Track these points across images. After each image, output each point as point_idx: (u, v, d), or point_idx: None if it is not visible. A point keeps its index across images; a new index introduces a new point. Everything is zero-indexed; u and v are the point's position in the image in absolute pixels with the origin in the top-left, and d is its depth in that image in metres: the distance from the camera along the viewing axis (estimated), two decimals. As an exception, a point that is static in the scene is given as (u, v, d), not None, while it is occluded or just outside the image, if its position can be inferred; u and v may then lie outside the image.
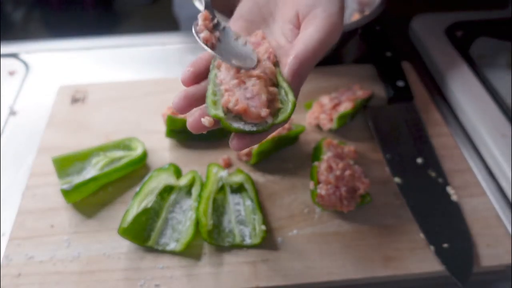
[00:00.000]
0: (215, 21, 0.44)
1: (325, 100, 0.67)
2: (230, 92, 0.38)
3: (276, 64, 0.41)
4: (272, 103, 0.38)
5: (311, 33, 0.40)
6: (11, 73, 0.79)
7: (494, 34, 0.82)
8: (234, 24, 0.47)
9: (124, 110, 0.70)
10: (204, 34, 0.42)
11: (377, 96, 0.71)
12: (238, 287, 0.49)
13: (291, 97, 0.38)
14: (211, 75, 0.41)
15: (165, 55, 0.84)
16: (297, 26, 0.43)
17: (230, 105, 0.37)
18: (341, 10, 0.42)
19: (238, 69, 0.40)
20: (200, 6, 0.47)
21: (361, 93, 0.68)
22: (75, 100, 0.71)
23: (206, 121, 0.38)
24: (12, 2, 1.01)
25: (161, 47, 0.86)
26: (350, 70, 0.77)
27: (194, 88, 0.40)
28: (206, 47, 0.40)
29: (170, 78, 0.78)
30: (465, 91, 0.71)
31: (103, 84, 0.74)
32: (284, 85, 0.39)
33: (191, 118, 0.39)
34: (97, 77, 0.78)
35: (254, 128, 0.37)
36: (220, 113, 0.37)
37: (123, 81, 0.75)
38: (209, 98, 0.39)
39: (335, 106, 0.66)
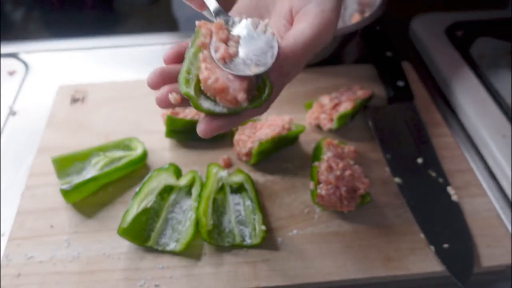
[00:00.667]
0: (231, 21, 0.42)
1: (325, 100, 0.67)
2: (212, 71, 0.37)
3: None
4: (249, 90, 0.37)
5: (302, 28, 0.39)
6: (11, 73, 0.79)
7: (494, 34, 0.82)
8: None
9: (124, 110, 0.70)
10: (221, 51, 0.38)
11: (377, 96, 0.71)
12: (238, 287, 0.49)
13: (268, 83, 0.37)
14: (189, 53, 0.39)
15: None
16: (291, 21, 0.42)
17: (209, 82, 0.36)
18: (336, 7, 0.40)
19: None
20: (210, 16, 0.45)
21: (361, 93, 0.68)
22: (74, 100, 0.71)
23: (172, 97, 0.37)
24: (12, 2, 1.01)
25: (161, 47, 0.86)
26: (350, 70, 0.77)
27: (172, 66, 0.40)
28: (221, 65, 0.38)
29: (170, 78, 0.78)
30: (466, 91, 0.71)
31: (103, 84, 0.74)
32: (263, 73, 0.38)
33: (159, 93, 0.38)
34: (97, 77, 0.78)
35: (225, 110, 0.36)
36: (191, 91, 0.36)
37: (123, 81, 0.75)
38: (182, 74, 0.38)
39: (335, 106, 0.66)
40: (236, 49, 0.39)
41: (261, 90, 0.37)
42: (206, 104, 0.37)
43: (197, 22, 0.42)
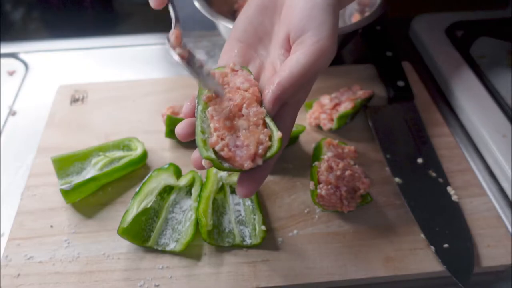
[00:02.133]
0: (183, 42, 0.44)
1: (325, 100, 0.67)
2: (219, 132, 0.38)
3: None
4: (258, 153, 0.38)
5: (298, 58, 0.39)
6: (11, 73, 0.79)
7: (494, 34, 0.82)
8: (229, 47, 0.46)
9: (124, 110, 0.70)
10: (179, 50, 0.41)
11: (377, 96, 0.71)
12: (238, 287, 0.49)
13: (276, 134, 0.38)
14: (198, 111, 0.41)
15: (165, 55, 0.84)
16: (288, 49, 0.42)
17: (217, 148, 0.37)
18: (332, 34, 0.40)
19: (231, 110, 0.39)
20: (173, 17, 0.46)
21: (361, 93, 0.68)
22: (74, 100, 0.71)
23: (204, 163, 0.38)
24: (12, 2, 1.01)
25: (161, 47, 0.86)
26: (350, 70, 0.77)
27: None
28: (182, 63, 0.39)
29: (170, 78, 0.78)
30: (466, 91, 0.71)
31: (103, 84, 0.74)
32: (270, 122, 0.39)
33: (193, 157, 0.40)
34: (96, 77, 0.78)
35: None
36: (211, 155, 0.37)
37: (123, 81, 0.75)
38: (199, 137, 0.39)
39: (335, 106, 0.66)
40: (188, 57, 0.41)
41: (272, 138, 0.39)
42: (226, 163, 0.38)
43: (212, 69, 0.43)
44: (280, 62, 0.43)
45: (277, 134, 0.38)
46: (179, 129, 0.41)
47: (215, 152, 0.38)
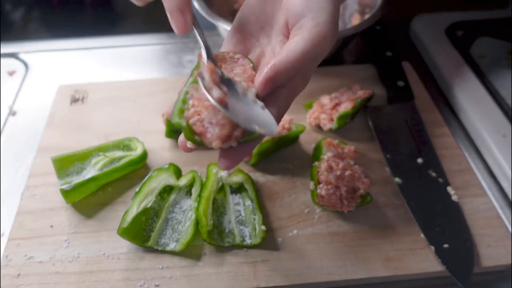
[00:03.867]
0: (219, 72, 0.40)
1: (325, 100, 0.67)
2: (197, 108, 0.38)
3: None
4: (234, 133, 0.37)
5: (296, 42, 0.39)
6: (11, 73, 0.79)
7: (494, 34, 0.82)
8: (231, 35, 0.46)
9: (124, 110, 0.70)
10: (217, 94, 0.37)
11: (377, 96, 0.71)
12: (238, 287, 0.49)
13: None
14: (187, 82, 0.40)
15: (165, 55, 0.84)
16: (287, 35, 0.42)
17: (191, 122, 0.37)
18: (332, 19, 0.39)
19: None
20: (204, 55, 0.43)
21: (361, 93, 0.68)
22: (74, 100, 0.71)
23: (190, 144, 0.38)
24: (12, 2, 1.01)
25: (161, 47, 0.86)
26: (350, 70, 0.77)
27: None
28: (223, 110, 0.36)
29: (170, 78, 0.78)
30: (466, 91, 0.71)
31: (103, 84, 0.74)
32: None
33: (181, 139, 0.40)
34: (96, 77, 0.78)
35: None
36: (182, 123, 0.37)
37: (123, 81, 0.75)
38: (178, 104, 0.38)
39: (335, 106, 0.66)
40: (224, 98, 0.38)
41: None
42: (197, 137, 0.37)
43: (201, 51, 0.43)
44: (279, 48, 0.43)
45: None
46: (168, 111, 0.40)
47: (189, 124, 0.37)
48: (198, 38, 0.44)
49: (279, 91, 0.40)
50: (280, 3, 0.44)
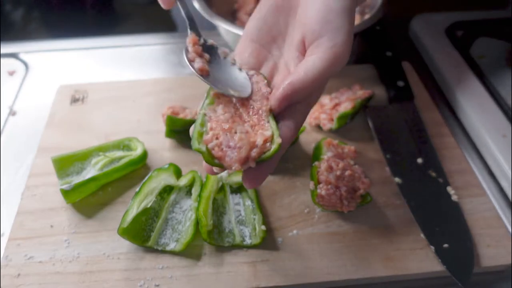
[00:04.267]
0: (202, 40, 0.44)
1: (326, 100, 0.67)
2: (216, 131, 0.39)
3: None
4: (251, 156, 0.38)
5: (313, 61, 0.39)
6: (11, 73, 0.79)
7: (494, 34, 0.82)
8: (243, 47, 0.46)
9: (124, 110, 0.70)
10: (199, 64, 0.42)
11: (377, 96, 0.71)
12: (238, 287, 0.49)
13: (276, 139, 0.38)
14: (204, 104, 0.41)
15: (165, 55, 0.84)
16: (303, 52, 0.42)
17: (209, 146, 0.38)
18: (348, 40, 0.40)
19: (236, 111, 0.40)
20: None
21: (361, 93, 0.68)
22: (74, 100, 0.71)
23: (216, 169, 0.39)
24: (12, 2, 1.01)
25: (161, 47, 0.86)
26: (350, 70, 0.77)
27: None
28: (202, 79, 0.40)
29: (170, 78, 0.78)
30: (466, 91, 0.71)
31: (103, 84, 0.74)
32: (272, 121, 0.40)
33: (204, 162, 0.40)
34: (97, 77, 0.78)
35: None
36: (202, 148, 0.38)
37: (123, 81, 0.75)
38: (196, 128, 0.39)
39: (335, 106, 0.66)
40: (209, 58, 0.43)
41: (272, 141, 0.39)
42: (217, 160, 0.38)
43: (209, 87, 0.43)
44: (294, 64, 0.43)
45: (277, 139, 0.38)
46: (190, 130, 0.41)
47: (208, 149, 0.38)
48: (182, 10, 0.45)
49: (295, 106, 0.41)
50: (295, 15, 0.44)
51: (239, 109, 0.42)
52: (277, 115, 0.41)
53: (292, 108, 0.41)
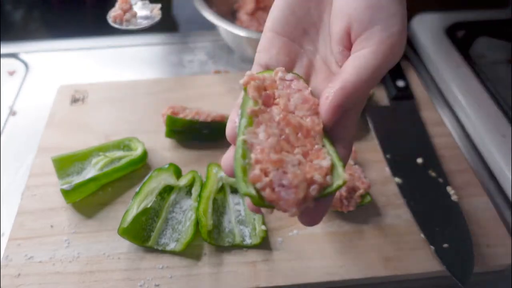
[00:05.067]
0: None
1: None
2: (263, 165, 0.30)
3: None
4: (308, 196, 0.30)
5: (367, 57, 0.32)
6: (11, 73, 0.79)
7: (494, 34, 0.82)
8: (268, 43, 0.37)
9: (124, 110, 0.70)
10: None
11: (377, 96, 0.71)
12: (238, 287, 0.49)
13: (340, 172, 0.31)
14: (240, 124, 0.32)
15: (165, 55, 0.84)
16: (348, 46, 0.35)
17: (258, 187, 0.29)
18: (404, 29, 0.33)
19: (281, 132, 0.32)
20: None
21: (361, 93, 0.68)
22: (75, 100, 0.71)
23: (264, 210, 0.32)
24: (12, 2, 1.01)
25: (161, 47, 0.86)
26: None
27: None
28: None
29: (170, 78, 0.78)
30: (465, 91, 0.71)
31: (103, 84, 0.74)
32: (331, 149, 0.32)
33: (249, 201, 0.32)
34: (97, 77, 0.78)
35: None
36: (252, 191, 0.29)
37: (123, 81, 0.75)
38: (238, 162, 0.30)
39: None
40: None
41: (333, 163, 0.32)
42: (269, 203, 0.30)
43: (245, 76, 0.34)
44: (337, 61, 0.36)
45: (342, 174, 0.30)
46: (225, 164, 0.33)
47: (259, 192, 0.29)
48: None
49: (346, 115, 0.34)
50: (330, 1, 0.37)
51: (285, 129, 0.33)
52: (328, 130, 0.33)
53: (342, 118, 0.33)
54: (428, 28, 0.84)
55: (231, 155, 0.32)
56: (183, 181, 0.57)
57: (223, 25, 0.70)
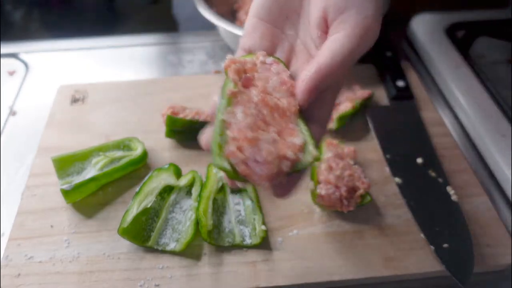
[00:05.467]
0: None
1: (325, 100, 0.67)
2: (239, 142, 0.32)
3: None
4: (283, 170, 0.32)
5: (341, 40, 0.34)
6: (11, 73, 0.79)
7: (494, 34, 0.82)
8: (252, 28, 0.39)
9: (124, 110, 0.70)
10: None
11: (377, 96, 0.71)
12: (238, 287, 0.49)
13: (312, 150, 0.33)
14: (220, 106, 0.34)
15: (165, 55, 0.84)
16: (325, 30, 0.36)
17: (232, 161, 0.31)
18: (378, 11, 0.35)
19: (258, 112, 0.34)
20: None
21: (361, 93, 0.68)
22: (75, 100, 0.71)
23: (240, 184, 0.35)
24: (12, 2, 1.01)
25: (161, 47, 0.86)
26: (350, 70, 0.77)
27: None
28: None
29: (170, 78, 0.78)
30: (465, 91, 0.71)
31: (103, 84, 0.74)
32: (305, 130, 0.34)
33: (224, 175, 0.35)
34: (97, 77, 0.78)
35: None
36: (225, 165, 0.31)
37: (123, 81, 0.75)
38: (215, 138, 0.32)
39: (335, 106, 0.66)
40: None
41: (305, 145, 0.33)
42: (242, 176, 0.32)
43: (226, 60, 0.37)
44: (316, 45, 0.37)
45: (312, 151, 0.33)
46: (203, 139, 0.35)
47: (233, 166, 0.32)
48: None
49: (321, 96, 0.36)
50: None
51: (262, 110, 0.35)
52: (304, 110, 0.35)
53: (318, 99, 0.35)
54: (428, 28, 0.84)
55: (211, 130, 0.34)
56: (183, 181, 0.57)
57: (223, 25, 0.70)
